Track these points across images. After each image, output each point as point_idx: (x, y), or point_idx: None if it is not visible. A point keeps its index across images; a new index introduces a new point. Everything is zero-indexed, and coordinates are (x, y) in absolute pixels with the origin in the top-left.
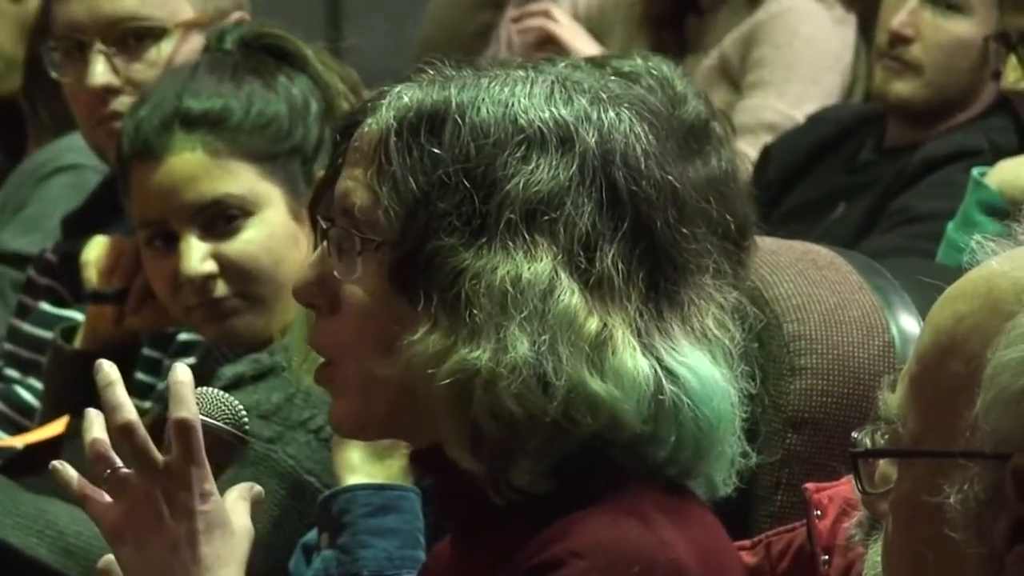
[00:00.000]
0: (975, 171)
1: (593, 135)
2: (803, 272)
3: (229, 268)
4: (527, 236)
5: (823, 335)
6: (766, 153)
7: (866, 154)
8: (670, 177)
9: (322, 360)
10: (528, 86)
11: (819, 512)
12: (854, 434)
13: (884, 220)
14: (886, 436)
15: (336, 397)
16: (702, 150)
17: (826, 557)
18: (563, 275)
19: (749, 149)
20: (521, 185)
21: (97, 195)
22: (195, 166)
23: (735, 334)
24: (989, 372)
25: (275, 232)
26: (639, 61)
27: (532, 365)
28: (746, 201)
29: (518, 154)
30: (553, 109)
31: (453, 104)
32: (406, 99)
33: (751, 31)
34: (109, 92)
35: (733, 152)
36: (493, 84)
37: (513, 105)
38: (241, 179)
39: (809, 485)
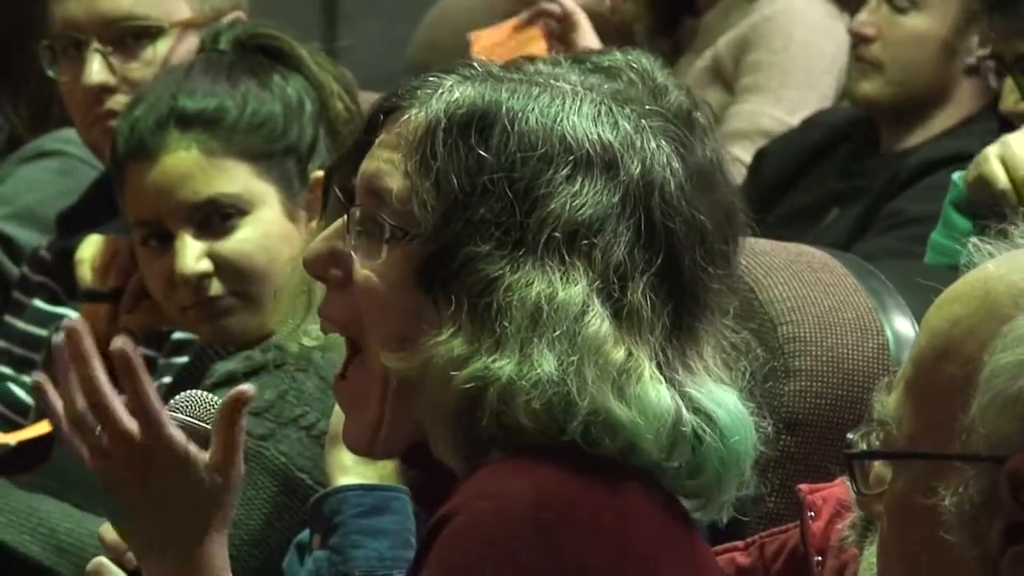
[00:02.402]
0: (955, 175)
1: (637, 165)
2: (798, 274)
3: (224, 267)
4: (566, 257)
5: (818, 337)
6: (760, 157)
7: (860, 158)
8: (701, 216)
9: (323, 346)
10: (577, 103)
11: (813, 513)
12: (849, 435)
13: (878, 223)
14: (881, 437)
15: (348, 411)
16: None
17: (819, 558)
18: (596, 301)
19: (744, 155)
20: (567, 206)
21: (92, 193)
22: (190, 165)
23: (746, 374)
24: (985, 375)
25: (270, 231)
26: (619, 56)
27: (556, 384)
28: (733, 190)
29: (563, 172)
30: (600, 132)
31: (504, 108)
32: (457, 94)
33: (745, 34)
34: (105, 91)
35: (717, 142)
36: (543, 95)
37: (561, 120)
38: (236, 178)
39: (803, 486)
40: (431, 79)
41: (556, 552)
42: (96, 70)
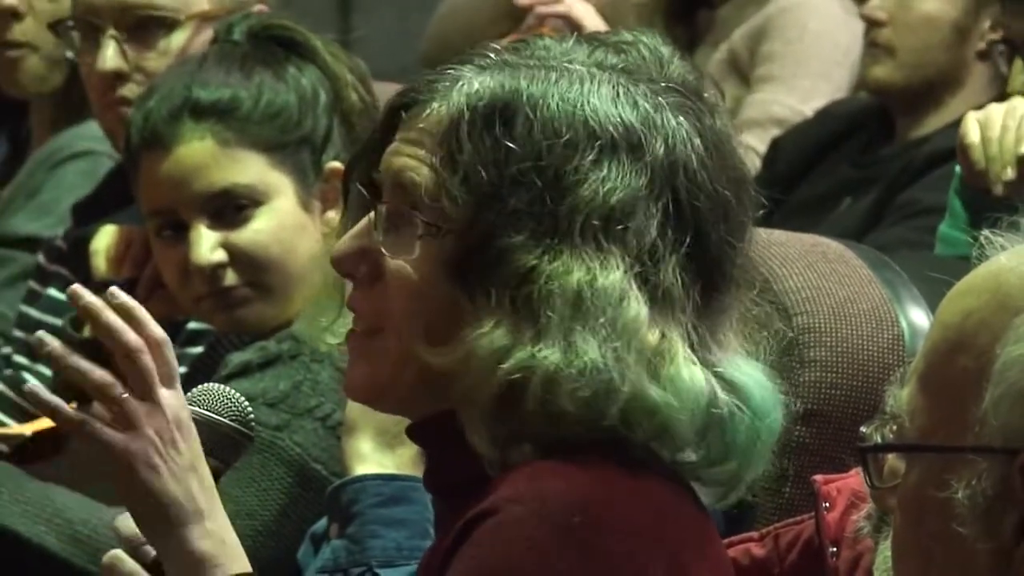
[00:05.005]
0: (958, 166)
1: (660, 145)
2: (813, 265)
3: (239, 257)
4: (602, 243)
5: (832, 328)
6: (775, 147)
7: (873, 147)
8: (724, 191)
9: (351, 328)
10: (595, 85)
11: (827, 504)
12: (863, 428)
13: (891, 213)
14: (895, 431)
15: (358, 361)
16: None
17: (834, 549)
18: (633, 285)
19: (757, 143)
20: (598, 191)
21: (108, 183)
22: (204, 155)
23: (771, 349)
24: (998, 367)
25: (284, 222)
26: (626, 34)
27: (600, 370)
28: (741, 160)
29: (590, 158)
30: (621, 113)
31: (524, 96)
32: (477, 85)
33: (760, 25)
34: (119, 78)
35: (724, 118)
36: (561, 79)
37: (583, 105)
38: (250, 169)
39: (818, 477)
40: (449, 71)
41: (590, 556)
42: (110, 56)
